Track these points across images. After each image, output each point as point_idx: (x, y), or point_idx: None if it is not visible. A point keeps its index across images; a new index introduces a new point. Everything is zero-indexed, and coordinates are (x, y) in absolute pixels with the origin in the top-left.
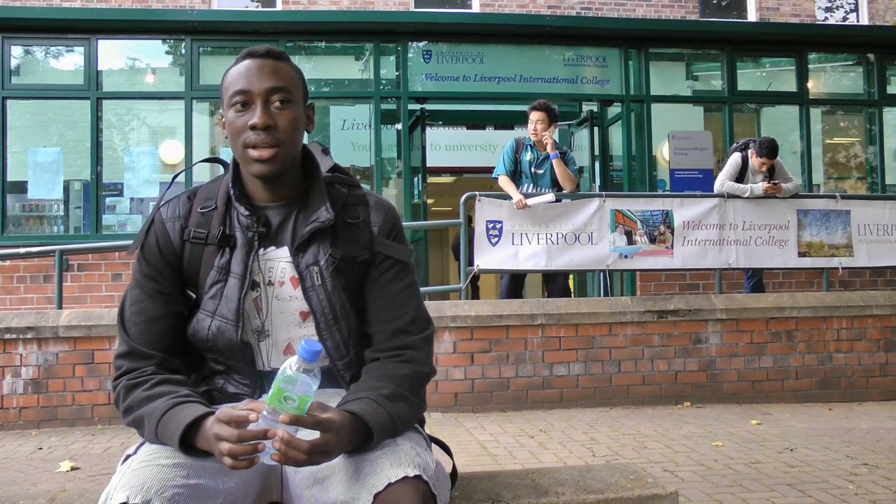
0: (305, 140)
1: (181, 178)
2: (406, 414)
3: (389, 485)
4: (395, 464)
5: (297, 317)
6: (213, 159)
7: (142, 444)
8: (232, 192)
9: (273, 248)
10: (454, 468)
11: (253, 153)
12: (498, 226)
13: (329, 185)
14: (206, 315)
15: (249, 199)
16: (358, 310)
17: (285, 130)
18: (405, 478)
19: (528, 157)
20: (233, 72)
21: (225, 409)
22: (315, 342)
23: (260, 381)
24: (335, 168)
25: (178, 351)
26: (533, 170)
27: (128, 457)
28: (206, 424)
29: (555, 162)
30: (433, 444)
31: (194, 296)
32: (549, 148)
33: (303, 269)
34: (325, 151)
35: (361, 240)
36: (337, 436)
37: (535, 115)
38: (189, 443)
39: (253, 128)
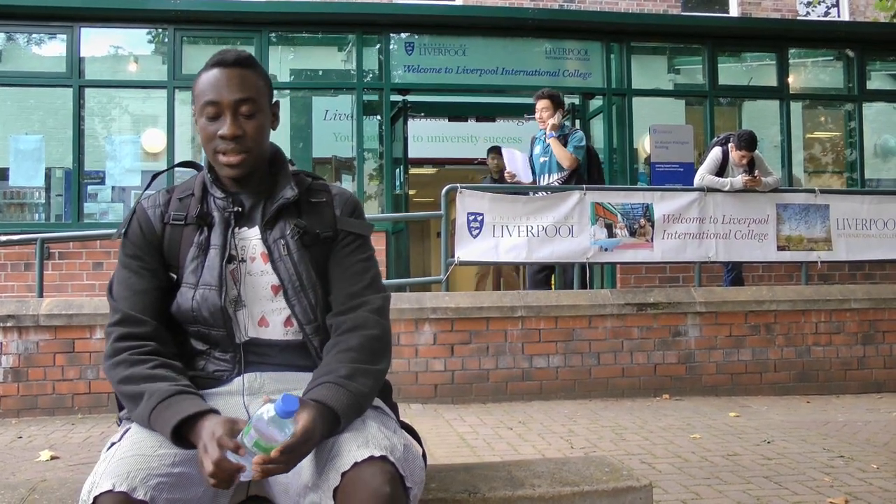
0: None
1: (161, 176)
2: (367, 388)
3: (356, 464)
4: (361, 444)
5: (269, 291)
6: (188, 163)
7: (126, 432)
8: (207, 177)
9: (246, 228)
10: (423, 454)
11: (223, 159)
12: (479, 218)
13: (294, 174)
14: (188, 287)
15: (224, 186)
16: (325, 284)
17: (253, 138)
18: (371, 458)
19: (536, 150)
20: (203, 80)
21: (221, 432)
22: (294, 400)
23: (238, 356)
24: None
25: (164, 324)
26: (542, 160)
27: (112, 444)
28: (201, 424)
29: (551, 142)
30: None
31: (175, 277)
32: (548, 129)
33: (271, 243)
34: (291, 163)
35: (325, 218)
36: (308, 445)
37: (539, 104)
38: (181, 433)
39: (223, 138)
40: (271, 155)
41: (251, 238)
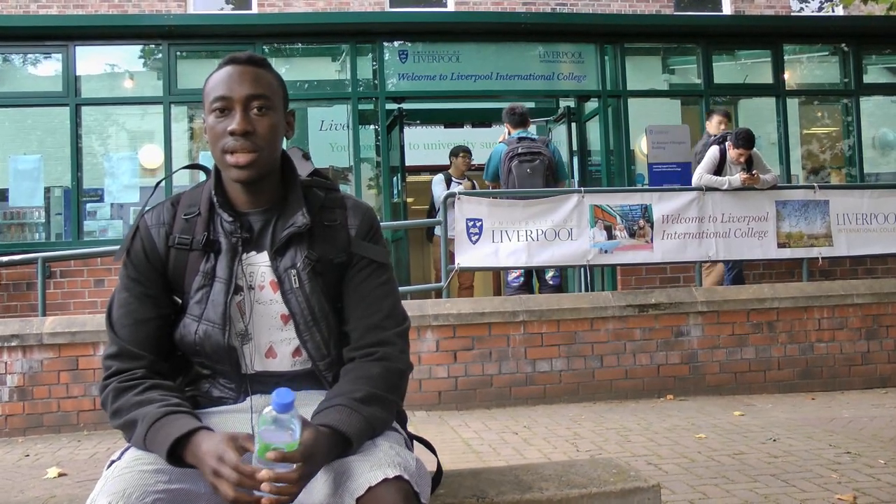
0: (286, 145)
1: (163, 184)
2: (382, 415)
3: (370, 488)
4: (374, 466)
5: (278, 320)
6: (196, 166)
7: (126, 449)
8: (215, 199)
9: (254, 252)
10: (439, 466)
11: (230, 159)
12: (478, 223)
13: (307, 188)
14: (192, 320)
15: (232, 205)
16: (337, 311)
17: (264, 136)
18: (385, 480)
19: None
20: (214, 78)
21: (230, 453)
22: (287, 392)
23: (244, 385)
24: (315, 172)
25: (165, 354)
26: None
27: (112, 462)
28: (197, 442)
29: None
30: (419, 443)
31: (180, 301)
32: None
33: (281, 272)
34: (306, 157)
35: (339, 242)
36: (313, 462)
37: None
38: (176, 454)
39: (232, 133)
40: (281, 164)
41: (260, 264)
